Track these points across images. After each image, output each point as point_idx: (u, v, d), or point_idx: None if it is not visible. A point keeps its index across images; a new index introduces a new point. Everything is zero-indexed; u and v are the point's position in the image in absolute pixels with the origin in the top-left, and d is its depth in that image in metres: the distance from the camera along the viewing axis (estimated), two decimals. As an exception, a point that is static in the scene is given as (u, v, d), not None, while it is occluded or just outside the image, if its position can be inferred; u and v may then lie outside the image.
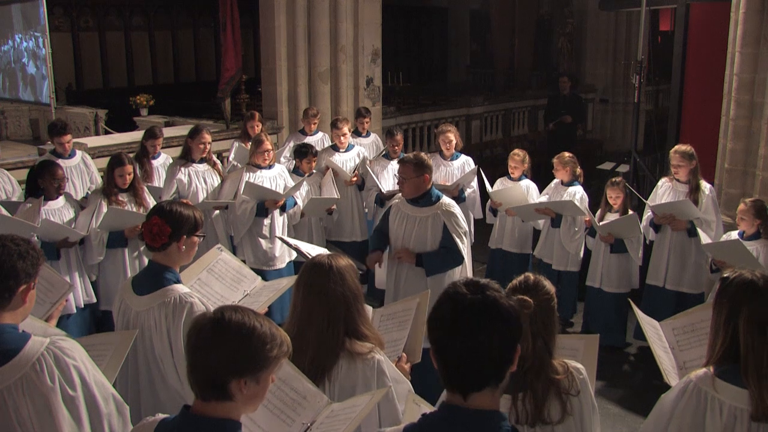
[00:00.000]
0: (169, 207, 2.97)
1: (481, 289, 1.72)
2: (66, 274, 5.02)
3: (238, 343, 1.81)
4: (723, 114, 6.64)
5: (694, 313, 3.12)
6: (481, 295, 1.70)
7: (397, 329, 3.08)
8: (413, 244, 4.46)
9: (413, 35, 17.85)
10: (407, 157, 4.54)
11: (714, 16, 7.57)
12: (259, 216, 5.79)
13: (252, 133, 7.12)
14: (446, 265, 4.45)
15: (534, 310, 2.36)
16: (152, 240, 2.92)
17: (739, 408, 2.33)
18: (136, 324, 2.96)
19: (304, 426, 2.33)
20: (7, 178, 6.01)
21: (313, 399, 2.37)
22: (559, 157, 6.08)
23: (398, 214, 4.57)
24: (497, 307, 1.68)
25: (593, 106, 14.37)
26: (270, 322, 1.90)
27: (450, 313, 1.71)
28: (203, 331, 1.83)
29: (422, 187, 4.46)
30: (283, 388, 2.36)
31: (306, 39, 8.84)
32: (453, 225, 4.39)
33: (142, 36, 14.93)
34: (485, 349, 1.66)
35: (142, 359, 2.98)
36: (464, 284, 1.75)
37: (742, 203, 4.98)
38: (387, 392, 2.49)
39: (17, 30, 9.26)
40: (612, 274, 5.67)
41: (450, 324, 1.70)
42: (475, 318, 1.67)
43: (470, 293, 1.71)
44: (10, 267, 2.21)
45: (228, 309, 1.88)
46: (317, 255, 2.73)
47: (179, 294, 2.92)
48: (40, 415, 2.16)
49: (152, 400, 2.96)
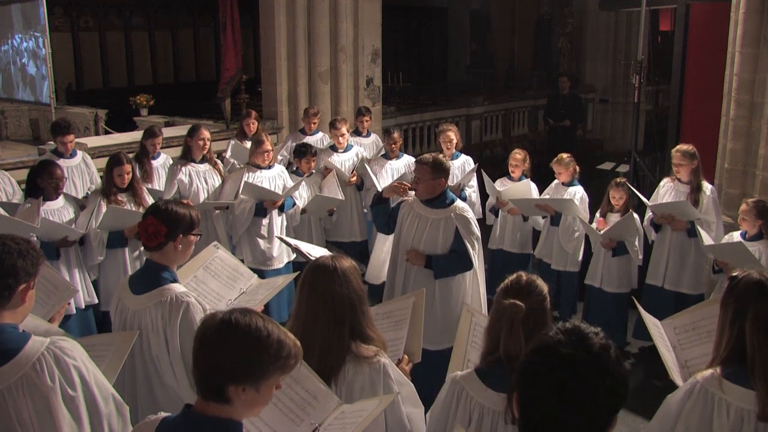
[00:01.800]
0: (164, 206, 2.97)
1: (582, 340, 1.49)
2: (66, 274, 5.01)
3: (240, 350, 1.79)
4: (723, 114, 6.64)
5: (695, 311, 3.11)
6: (586, 352, 1.47)
7: (394, 329, 3.07)
8: (423, 246, 4.38)
9: (413, 35, 17.84)
10: (425, 158, 4.42)
11: (714, 16, 7.56)
12: (258, 216, 5.79)
13: (248, 130, 7.15)
14: (455, 269, 4.38)
15: (526, 311, 2.37)
16: (148, 240, 2.91)
17: (746, 409, 2.32)
18: (133, 323, 2.95)
19: (313, 426, 2.32)
20: (7, 180, 6.00)
21: (324, 399, 2.36)
22: (559, 161, 6.05)
23: (410, 213, 4.48)
24: (605, 367, 1.46)
25: (593, 106, 14.37)
26: (282, 331, 1.87)
27: (550, 374, 1.48)
28: (209, 330, 1.82)
29: (437, 190, 4.39)
30: (295, 387, 2.35)
31: (306, 39, 8.84)
32: (465, 230, 4.32)
33: (142, 36, 14.92)
34: (582, 416, 1.46)
35: (138, 358, 2.98)
36: (560, 333, 1.52)
37: (744, 203, 4.97)
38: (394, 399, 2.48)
39: (17, 30, 9.26)
40: (612, 273, 5.66)
41: (547, 385, 1.48)
42: (576, 380, 1.45)
43: (572, 348, 1.48)
44: (10, 265, 2.21)
45: (240, 312, 1.85)
46: (321, 256, 2.72)
47: (176, 293, 2.91)
48: (40, 415, 2.16)
49: (149, 400, 2.97)
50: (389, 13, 10.08)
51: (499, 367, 2.41)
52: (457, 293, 4.43)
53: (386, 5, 9.56)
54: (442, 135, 6.56)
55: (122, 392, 2.91)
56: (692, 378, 2.47)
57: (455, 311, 4.39)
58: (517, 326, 2.37)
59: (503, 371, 2.37)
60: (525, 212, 6.15)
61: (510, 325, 2.38)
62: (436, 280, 4.37)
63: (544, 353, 1.51)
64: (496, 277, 6.71)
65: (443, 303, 4.39)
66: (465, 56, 18.54)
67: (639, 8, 7.59)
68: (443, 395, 2.55)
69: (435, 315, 4.34)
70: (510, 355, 2.38)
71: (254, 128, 7.15)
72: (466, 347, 2.94)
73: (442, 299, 4.39)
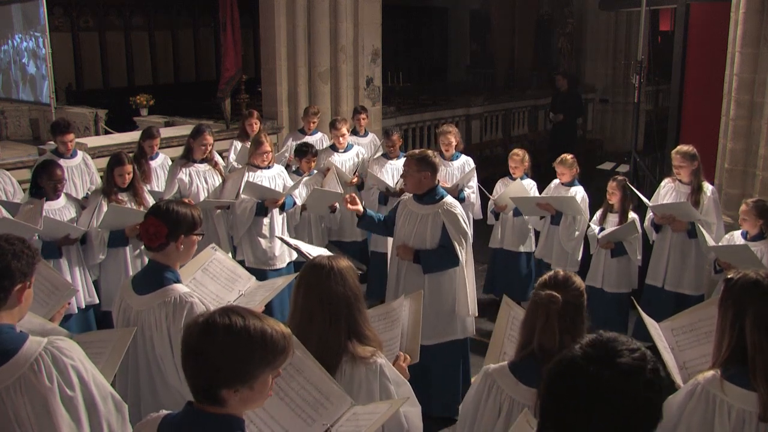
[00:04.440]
0: (165, 207, 2.95)
1: (610, 356, 1.35)
2: (67, 274, 5.01)
3: (225, 353, 1.74)
4: (723, 114, 6.64)
5: (693, 312, 3.11)
6: (610, 370, 1.33)
7: (389, 329, 3.09)
8: (413, 241, 4.48)
9: (413, 35, 17.82)
10: (413, 152, 4.58)
11: (714, 16, 7.56)
12: (259, 215, 5.79)
13: (250, 131, 7.13)
14: (443, 264, 4.46)
15: (563, 306, 2.37)
16: (149, 240, 2.90)
17: (748, 411, 2.31)
18: (137, 323, 2.95)
19: (325, 427, 2.32)
20: (8, 179, 6.00)
21: (337, 401, 2.35)
22: (563, 161, 6.06)
23: (404, 210, 4.60)
24: (632, 388, 1.32)
25: (593, 106, 14.37)
26: (269, 324, 1.82)
27: (567, 392, 1.37)
28: (192, 337, 1.79)
29: (425, 184, 4.45)
30: (308, 387, 2.35)
31: (306, 39, 8.84)
32: (452, 226, 4.39)
33: (142, 36, 14.91)
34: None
35: (142, 359, 2.97)
36: (588, 346, 1.38)
37: (744, 204, 4.97)
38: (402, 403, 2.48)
39: (17, 30, 9.25)
40: (613, 274, 5.66)
41: (565, 405, 1.37)
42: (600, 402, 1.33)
43: (596, 365, 1.34)
44: (5, 267, 2.21)
45: (219, 313, 1.81)
46: (317, 256, 2.73)
47: (179, 294, 2.91)
48: (38, 416, 2.16)
49: (153, 400, 2.96)
50: (389, 13, 10.07)
51: (531, 361, 2.43)
52: (448, 289, 4.49)
53: (386, 5, 9.56)
54: (441, 136, 6.58)
55: (125, 393, 2.93)
56: (693, 379, 2.46)
57: (445, 307, 4.49)
58: (553, 319, 2.38)
59: (535, 365, 2.38)
60: (526, 212, 6.16)
61: (546, 317, 2.40)
62: (425, 275, 4.45)
63: (565, 366, 1.39)
64: (496, 277, 6.77)
65: (433, 298, 4.44)
66: (465, 56, 18.53)
67: (639, 8, 7.59)
68: (476, 386, 2.57)
69: (425, 310, 4.36)
70: (544, 348, 2.39)
71: (256, 128, 7.14)
72: (504, 340, 2.94)
73: (431, 294, 4.44)
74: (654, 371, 1.37)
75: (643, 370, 1.35)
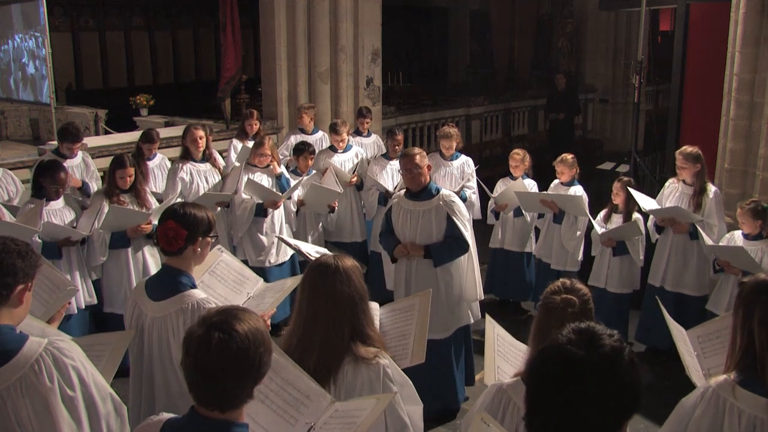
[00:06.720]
0: (182, 210, 2.90)
1: (594, 341, 1.43)
2: (67, 275, 5.00)
3: (228, 376, 1.81)
4: (723, 114, 6.64)
5: (720, 320, 3.14)
6: (595, 353, 1.40)
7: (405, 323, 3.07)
8: (419, 238, 4.53)
9: (413, 35, 17.83)
10: (410, 149, 4.65)
11: (714, 16, 7.57)
12: (258, 216, 5.81)
13: (250, 131, 7.14)
14: (453, 254, 4.53)
15: (577, 310, 2.37)
16: (168, 244, 2.85)
17: (759, 417, 2.28)
18: (152, 329, 2.90)
19: (308, 425, 2.31)
20: (10, 179, 5.99)
21: (316, 398, 2.35)
22: (563, 161, 6.06)
23: (400, 211, 4.63)
24: (616, 370, 1.40)
25: (593, 106, 14.37)
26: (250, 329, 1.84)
27: (555, 376, 1.43)
28: (191, 351, 1.84)
29: (426, 178, 4.55)
30: (287, 388, 2.34)
31: (306, 39, 8.84)
32: (456, 213, 4.48)
33: (142, 36, 14.92)
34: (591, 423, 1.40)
35: (157, 365, 2.92)
36: (571, 334, 1.47)
37: (739, 208, 5.00)
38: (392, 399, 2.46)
39: (17, 30, 9.24)
40: (616, 274, 5.66)
41: (554, 389, 1.42)
42: (580, 383, 1.39)
43: (582, 349, 1.42)
44: (10, 264, 2.22)
45: (217, 327, 1.84)
46: (323, 255, 2.71)
47: (197, 300, 2.86)
48: (39, 416, 2.16)
49: (168, 406, 2.87)
50: (389, 13, 10.06)
51: None
52: (457, 277, 4.58)
53: (386, 5, 9.55)
54: (443, 139, 6.58)
55: (140, 401, 2.91)
56: (705, 383, 2.44)
57: (457, 295, 4.58)
58: (569, 324, 2.37)
59: None
60: (528, 209, 6.17)
61: (561, 323, 2.37)
62: (437, 269, 4.50)
63: (551, 351, 1.46)
64: (496, 277, 6.77)
65: (447, 289, 4.54)
66: (465, 56, 18.52)
67: (639, 8, 7.59)
68: (486, 402, 2.46)
69: (441, 304, 4.48)
70: None
71: (256, 128, 7.14)
72: (494, 356, 2.93)
73: (445, 286, 4.53)
74: (631, 353, 1.47)
75: (623, 352, 1.44)
